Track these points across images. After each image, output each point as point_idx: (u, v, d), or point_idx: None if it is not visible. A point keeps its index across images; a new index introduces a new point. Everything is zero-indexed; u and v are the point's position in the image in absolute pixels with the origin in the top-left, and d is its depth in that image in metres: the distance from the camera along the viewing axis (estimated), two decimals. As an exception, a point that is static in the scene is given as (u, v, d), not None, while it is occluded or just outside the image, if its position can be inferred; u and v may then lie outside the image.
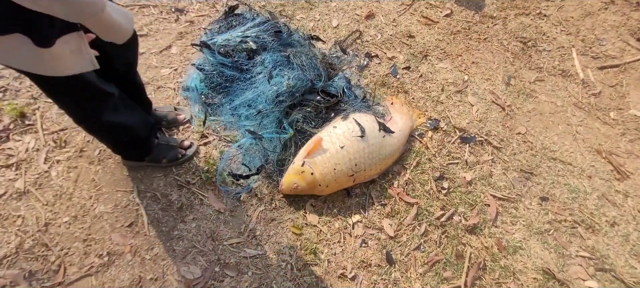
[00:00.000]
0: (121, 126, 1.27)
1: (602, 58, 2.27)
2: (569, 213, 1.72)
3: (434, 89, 2.00)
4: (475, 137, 1.87)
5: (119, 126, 1.26)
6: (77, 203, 1.44)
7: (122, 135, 1.32)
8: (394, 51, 2.11)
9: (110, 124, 1.22)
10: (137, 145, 1.44)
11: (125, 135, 1.33)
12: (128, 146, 1.42)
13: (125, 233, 1.41)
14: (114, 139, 1.35)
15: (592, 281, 1.57)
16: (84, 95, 1.06)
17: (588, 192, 1.79)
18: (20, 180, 1.45)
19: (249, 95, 1.67)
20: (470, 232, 1.62)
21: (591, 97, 2.11)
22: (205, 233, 1.46)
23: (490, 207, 1.69)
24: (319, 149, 1.54)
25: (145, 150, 1.48)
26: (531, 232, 1.65)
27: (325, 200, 1.61)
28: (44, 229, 1.37)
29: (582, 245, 1.65)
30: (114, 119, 1.21)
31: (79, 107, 1.13)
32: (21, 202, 1.41)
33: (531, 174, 1.81)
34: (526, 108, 2.01)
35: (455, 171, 1.76)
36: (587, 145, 1.94)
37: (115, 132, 1.29)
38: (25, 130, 1.55)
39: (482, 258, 1.56)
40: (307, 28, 2.10)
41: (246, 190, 1.57)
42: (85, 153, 1.54)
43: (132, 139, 1.38)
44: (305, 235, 1.52)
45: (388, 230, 1.57)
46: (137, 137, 1.38)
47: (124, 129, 1.29)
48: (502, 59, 2.18)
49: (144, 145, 1.46)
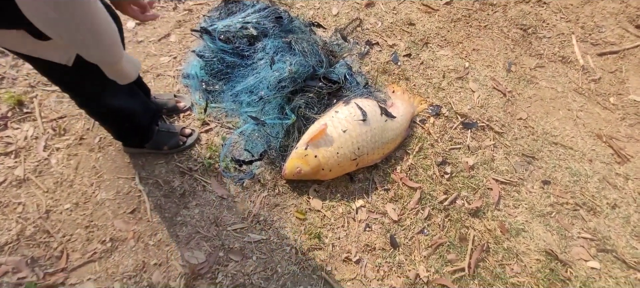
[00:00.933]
0: (123, 110, 1.29)
1: (601, 44, 2.32)
2: (571, 196, 1.77)
3: (435, 76, 2.04)
4: (477, 122, 1.91)
5: (120, 110, 1.28)
6: (79, 190, 1.46)
7: (123, 120, 1.34)
8: (394, 39, 2.15)
9: (112, 108, 1.24)
10: (138, 131, 1.46)
11: (127, 121, 1.35)
12: (129, 132, 1.44)
13: (128, 219, 1.43)
14: (115, 124, 1.37)
15: (594, 261, 1.62)
16: (87, 79, 1.09)
17: (589, 175, 1.84)
18: (20, 167, 1.46)
19: (251, 81, 1.70)
20: (473, 216, 1.66)
21: (591, 82, 2.17)
22: (209, 219, 1.48)
23: (493, 191, 1.73)
24: (322, 134, 1.57)
25: (146, 136, 1.50)
26: (533, 215, 1.70)
27: (329, 185, 1.65)
28: (45, 216, 1.39)
29: (583, 227, 1.70)
30: (115, 102, 1.24)
31: (83, 92, 1.15)
32: (21, 190, 1.43)
33: (533, 158, 1.85)
34: (527, 94, 2.06)
35: (458, 156, 1.80)
36: (588, 129, 1.99)
37: (117, 116, 1.31)
38: (24, 118, 1.57)
39: (485, 241, 1.60)
40: (307, 16, 2.13)
41: (249, 176, 1.59)
42: (85, 141, 1.56)
43: (133, 125, 1.40)
44: (309, 220, 1.55)
45: (392, 214, 1.61)
46: (138, 122, 1.41)
47: (126, 113, 1.32)
48: (503, 46, 2.23)
49: (145, 132, 1.48)
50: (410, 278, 1.48)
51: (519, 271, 1.57)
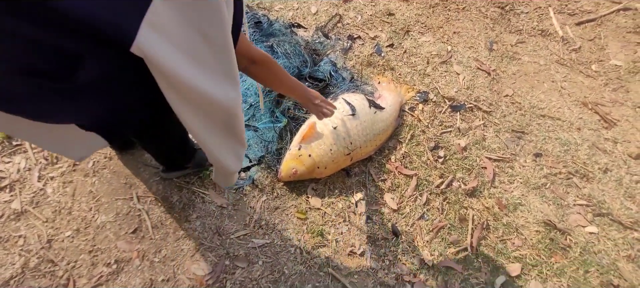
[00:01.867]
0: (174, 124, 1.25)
1: (578, 14, 2.41)
2: (563, 166, 1.84)
3: (419, 63, 2.11)
4: (464, 104, 1.98)
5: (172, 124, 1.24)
6: (78, 216, 1.49)
7: (175, 135, 1.33)
8: (375, 30, 2.21)
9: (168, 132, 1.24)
10: (182, 149, 1.46)
11: (178, 136, 1.34)
12: (178, 149, 1.44)
13: (131, 239, 1.47)
14: (169, 141, 1.35)
15: (592, 226, 1.69)
16: None
17: (579, 143, 1.92)
18: (16, 200, 1.48)
19: (238, 89, 1.74)
20: (470, 196, 1.73)
21: (572, 52, 2.25)
22: (211, 230, 1.52)
23: (487, 169, 1.80)
24: (313, 133, 1.62)
25: (189, 154, 1.51)
26: (529, 188, 1.77)
27: (326, 182, 1.70)
28: (47, 246, 1.42)
29: (578, 194, 1.77)
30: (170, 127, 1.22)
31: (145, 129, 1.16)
32: (20, 222, 1.45)
33: (523, 133, 1.93)
34: (511, 70, 2.14)
35: (449, 139, 1.87)
36: (573, 99, 2.07)
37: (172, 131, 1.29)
38: (14, 151, 1.59)
39: (484, 219, 1.67)
40: (286, 17, 2.18)
41: (248, 181, 1.64)
42: (79, 167, 1.59)
43: (183, 138, 1.40)
44: (310, 219, 1.60)
45: (391, 203, 1.67)
46: (182, 139, 1.41)
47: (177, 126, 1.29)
48: (482, 25, 2.30)
49: (187, 149, 1.49)
50: (415, 264, 1.54)
51: (520, 244, 1.63)
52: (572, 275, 1.56)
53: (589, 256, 1.61)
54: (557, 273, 1.57)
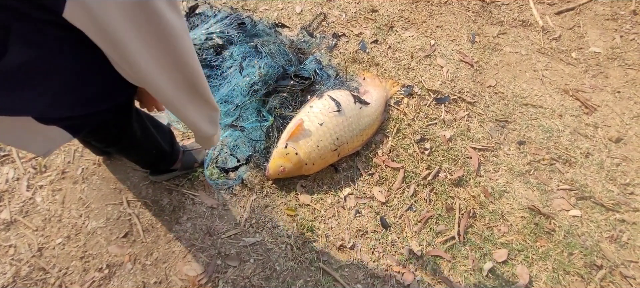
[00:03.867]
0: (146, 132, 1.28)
1: (557, 4, 2.46)
2: (546, 152, 1.89)
3: (403, 58, 2.14)
4: (449, 96, 2.01)
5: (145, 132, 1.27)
6: (68, 223, 1.49)
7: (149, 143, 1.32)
8: (360, 28, 2.24)
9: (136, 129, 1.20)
10: (164, 156, 1.46)
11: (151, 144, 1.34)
12: (156, 158, 1.45)
13: (122, 244, 1.48)
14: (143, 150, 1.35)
15: (575, 210, 1.73)
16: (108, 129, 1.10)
17: (560, 129, 1.96)
18: (5, 210, 1.49)
19: (224, 91, 1.76)
20: (456, 185, 1.76)
21: (552, 41, 2.30)
22: (202, 230, 1.54)
23: (472, 159, 1.83)
24: (300, 131, 1.64)
25: (172, 158, 1.51)
26: (513, 175, 1.81)
27: (315, 178, 1.72)
28: (38, 254, 1.42)
29: (561, 179, 1.82)
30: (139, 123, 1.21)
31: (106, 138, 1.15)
32: (10, 232, 1.45)
33: (506, 122, 1.97)
34: (493, 61, 2.18)
35: (435, 131, 1.90)
36: (555, 86, 2.12)
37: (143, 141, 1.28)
38: (1, 162, 1.59)
39: (471, 208, 1.70)
40: (271, 18, 2.19)
41: (237, 181, 1.65)
42: (67, 174, 1.59)
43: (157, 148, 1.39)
44: (300, 215, 1.62)
45: (379, 197, 1.69)
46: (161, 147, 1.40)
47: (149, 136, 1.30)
48: (464, 19, 2.34)
49: (170, 155, 1.48)
50: (404, 255, 1.57)
51: (506, 230, 1.67)
52: (557, 258, 1.60)
53: (573, 239, 1.66)
54: (543, 257, 1.61)
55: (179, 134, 1.76)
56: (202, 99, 0.88)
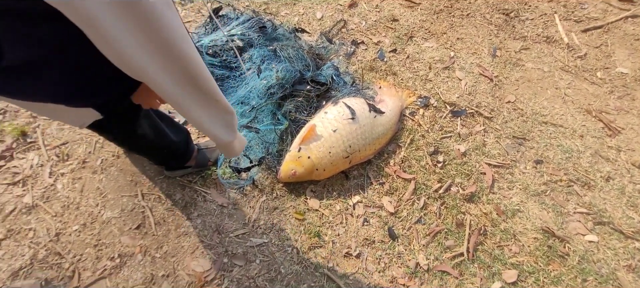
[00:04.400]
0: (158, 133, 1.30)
1: (585, 21, 2.36)
2: (564, 173, 1.80)
3: (421, 68, 2.09)
4: (465, 110, 1.95)
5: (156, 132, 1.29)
6: (85, 211, 1.52)
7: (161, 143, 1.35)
8: (379, 36, 2.20)
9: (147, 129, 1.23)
10: (177, 154, 1.50)
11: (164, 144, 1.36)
12: (168, 156, 1.48)
13: (134, 235, 1.50)
14: (154, 149, 1.39)
15: (592, 235, 1.65)
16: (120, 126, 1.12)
17: (581, 150, 1.87)
18: (28, 195, 1.53)
19: (241, 92, 1.76)
20: (468, 201, 1.70)
21: (577, 59, 2.20)
22: (211, 228, 1.54)
23: (486, 175, 1.77)
24: (313, 135, 1.62)
25: (186, 156, 1.54)
26: (528, 195, 1.74)
27: (325, 184, 1.70)
28: (55, 239, 1.46)
29: (579, 202, 1.73)
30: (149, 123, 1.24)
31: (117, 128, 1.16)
32: (31, 216, 1.50)
33: (524, 140, 1.89)
34: (514, 77, 2.10)
35: (449, 144, 1.85)
36: (577, 106, 2.02)
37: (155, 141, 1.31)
38: (28, 148, 1.64)
39: (482, 225, 1.64)
40: (292, 23, 2.19)
41: (249, 182, 1.65)
42: (88, 164, 1.63)
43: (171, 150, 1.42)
44: (308, 220, 1.60)
45: (388, 207, 1.66)
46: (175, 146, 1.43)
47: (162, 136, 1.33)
48: (486, 32, 2.27)
49: (183, 153, 1.52)
50: (410, 268, 1.53)
51: (518, 251, 1.60)
52: (569, 284, 1.52)
53: (588, 265, 1.57)
54: (554, 281, 1.53)
55: (194, 132, 1.77)
56: (208, 97, 0.83)
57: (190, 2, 2.21)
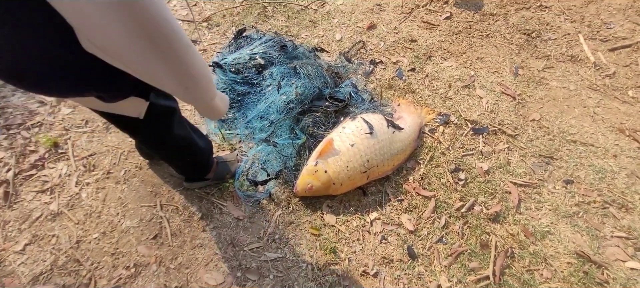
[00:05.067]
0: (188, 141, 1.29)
1: (611, 40, 2.22)
2: (598, 194, 1.63)
3: (441, 87, 2.00)
4: (487, 127, 1.84)
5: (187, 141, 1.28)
6: (106, 220, 1.50)
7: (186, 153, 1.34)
8: (397, 56, 2.15)
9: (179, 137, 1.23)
10: (199, 165, 1.47)
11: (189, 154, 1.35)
12: (191, 165, 1.46)
13: (150, 245, 1.45)
14: (179, 158, 1.37)
15: (633, 261, 1.45)
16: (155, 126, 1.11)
17: (615, 171, 1.70)
18: (54, 203, 1.53)
19: (261, 107, 1.73)
20: (493, 221, 1.56)
21: (606, 78, 2.05)
22: (226, 240, 1.47)
23: (512, 194, 1.63)
24: (330, 150, 1.56)
25: (206, 169, 1.51)
26: (559, 216, 1.57)
27: (341, 200, 1.61)
28: (75, 246, 1.43)
29: (616, 226, 1.55)
30: (182, 132, 1.24)
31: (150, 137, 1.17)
32: (55, 223, 1.49)
33: (551, 158, 1.74)
34: (538, 95, 1.97)
35: (471, 162, 1.72)
36: (608, 125, 1.86)
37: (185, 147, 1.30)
38: (59, 158, 1.66)
39: (508, 246, 1.49)
40: (312, 44, 2.18)
41: (266, 194, 1.59)
42: (112, 174, 1.62)
43: (195, 158, 1.40)
44: (324, 236, 1.51)
45: (407, 224, 1.54)
46: (201, 156, 1.41)
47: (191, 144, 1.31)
48: (507, 51, 2.17)
49: (204, 165, 1.49)
50: (431, 290, 1.39)
51: (550, 276, 1.43)
52: (611, 315, 1.33)
53: (631, 295, 1.38)
54: (593, 312, 1.34)
55: (215, 146, 1.74)
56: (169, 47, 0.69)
57: (216, 25, 2.26)
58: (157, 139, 1.19)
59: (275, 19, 2.35)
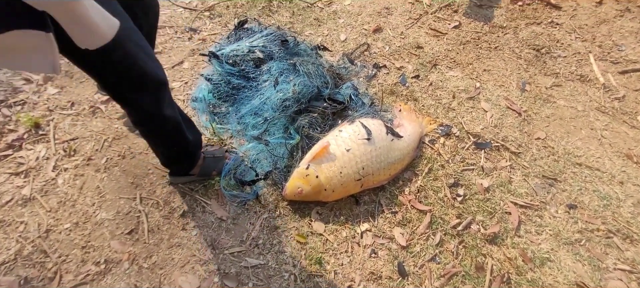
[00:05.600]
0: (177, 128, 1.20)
1: (622, 63, 2.08)
2: (602, 222, 1.49)
3: (444, 97, 1.87)
4: (490, 142, 1.70)
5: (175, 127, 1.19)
6: (80, 210, 1.36)
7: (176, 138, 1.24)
8: (402, 61, 2.01)
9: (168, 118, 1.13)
10: (185, 157, 1.35)
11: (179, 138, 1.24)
12: (177, 156, 1.33)
13: (125, 240, 1.31)
14: (167, 143, 1.25)
15: (637, 298, 1.32)
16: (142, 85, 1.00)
17: (621, 199, 1.56)
18: (28, 187, 1.39)
19: (256, 103, 1.59)
20: (490, 242, 1.42)
21: (615, 101, 1.91)
22: (206, 242, 1.34)
23: (512, 215, 1.49)
24: (324, 153, 1.42)
25: (192, 162, 1.39)
26: (560, 243, 1.43)
27: (332, 207, 1.47)
28: (44, 235, 1.29)
29: (620, 257, 1.41)
30: (172, 114, 1.14)
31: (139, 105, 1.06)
32: (26, 209, 1.35)
33: (555, 180, 1.60)
34: (544, 113, 1.83)
35: (471, 177, 1.59)
36: (615, 149, 1.72)
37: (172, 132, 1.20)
38: (38, 140, 1.52)
39: (505, 271, 1.35)
40: (315, 42, 2.04)
41: (253, 196, 1.45)
42: (92, 161, 1.48)
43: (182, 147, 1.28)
44: (310, 244, 1.37)
45: (399, 239, 1.40)
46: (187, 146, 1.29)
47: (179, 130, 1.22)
48: (515, 66, 2.03)
49: (191, 158, 1.37)
50: (421, 312, 1.25)
51: (547, 306, 1.30)
52: None
53: (634, 335, 1.24)
54: (593, 350, 1.21)
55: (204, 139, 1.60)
56: None
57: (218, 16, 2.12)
58: (144, 114, 1.09)
59: (280, 14, 2.21)
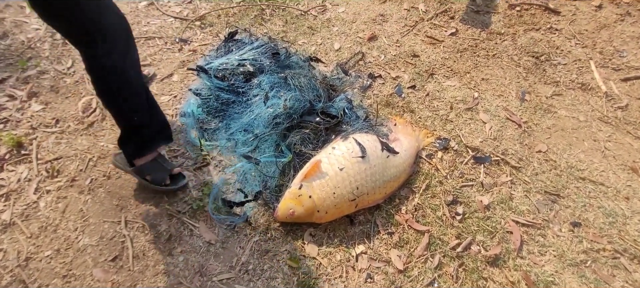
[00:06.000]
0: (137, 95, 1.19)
1: (624, 69, 1.97)
2: (608, 241, 1.39)
3: (442, 107, 1.76)
4: (490, 156, 1.60)
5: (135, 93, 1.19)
6: (62, 235, 1.27)
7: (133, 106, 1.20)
8: (398, 71, 1.91)
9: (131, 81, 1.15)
10: (139, 135, 1.27)
11: (134, 109, 1.21)
12: (133, 132, 1.26)
13: (108, 268, 1.22)
14: (126, 107, 1.20)
15: (646, 324, 1.22)
16: None
17: (627, 215, 1.46)
18: (8, 211, 1.30)
19: (245, 119, 1.50)
20: (491, 265, 1.32)
21: (618, 110, 1.81)
22: (193, 268, 1.24)
23: (514, 235, 1.39)
24: (317, 172, 1.32)
25: (144, 148, 1.30)
26: (564, 264, 1.34)
27: (326, 228, 1.37)
28: (24, 264, 1.20)
29: (628, 279, 1.31)
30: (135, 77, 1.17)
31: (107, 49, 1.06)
32: (5, 235, 1.26)
33: (558, 196, 1.50)
34: (545, 124, 1.73)
35: (470, 194, 1.49)
36: (620, 162, 1.62)
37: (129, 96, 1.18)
38: (20, 160, 1.43)
39: (508, 296, 1.26)
40: (309, 52, 1.94)
41: (242, 219, 1.35)
42: (76, 182, 1.39)
43: (140, 119, 1.23)
44: (303, 269, 1.27)
45: (396, 262, 1.30)
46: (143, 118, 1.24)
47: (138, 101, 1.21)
48: (514, 74, 1.93)
49: (144, 141, 1.29)
50: (419, 341, 1.16)
51: (552, 333, 1.20)
52: None
53: None
54: None
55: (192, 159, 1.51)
56: None
57: (209, 25, 2.02)
58: (110, 62, 1.09)
59: (272, 22, 2.11)
